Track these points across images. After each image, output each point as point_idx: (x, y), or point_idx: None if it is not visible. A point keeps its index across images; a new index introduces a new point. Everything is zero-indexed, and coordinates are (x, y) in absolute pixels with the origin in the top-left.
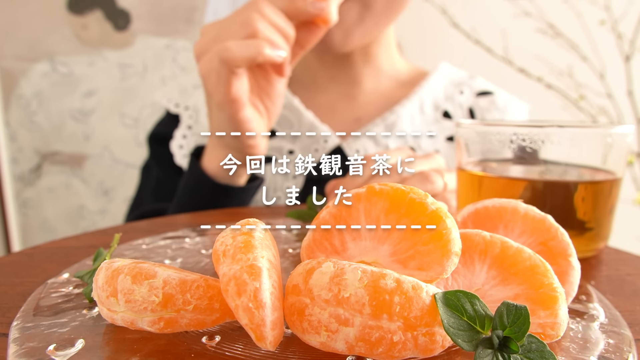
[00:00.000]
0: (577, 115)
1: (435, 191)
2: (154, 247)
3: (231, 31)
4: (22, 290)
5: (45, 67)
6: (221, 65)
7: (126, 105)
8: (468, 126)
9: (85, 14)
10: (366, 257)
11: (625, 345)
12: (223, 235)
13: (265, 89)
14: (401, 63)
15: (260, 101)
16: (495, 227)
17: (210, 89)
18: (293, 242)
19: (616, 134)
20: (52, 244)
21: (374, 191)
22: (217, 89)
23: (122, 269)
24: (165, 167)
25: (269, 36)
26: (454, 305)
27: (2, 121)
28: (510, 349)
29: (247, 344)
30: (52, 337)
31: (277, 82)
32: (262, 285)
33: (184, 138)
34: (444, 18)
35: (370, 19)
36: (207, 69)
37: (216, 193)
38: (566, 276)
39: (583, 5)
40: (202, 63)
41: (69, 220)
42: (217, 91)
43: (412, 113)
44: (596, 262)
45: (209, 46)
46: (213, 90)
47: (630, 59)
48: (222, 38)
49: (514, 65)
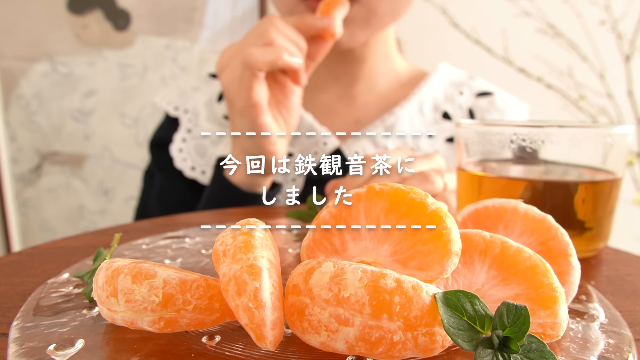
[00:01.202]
0: (577, 115)
1: (435, 191)
2: (154, 247)
3: (250, 42)
4: (22, 290)
5: (45, 67)
6: (244, 70)
7: (126, 105)
8: (468, 126)
9: (85, 14)
10: (366, 257)
11: (625, 345)
12: (223, 235)
13: (283, 102)
14: (401, 63)
15: (279, 113)
16: (495, 227)
17: (233, 95)
18: (293, 242)
19: (616, 134)
20: (52, 244)
21: (374, 191)
22: (240, 94)
23: (122, 268)
24: (168, 173)
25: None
26: (454, 305)
27: (2, 121)
28: (510, 348)
29: (247, 344)
30: (52, 336)
31: (293, 95)
32: (262, 285)
33: (184, 141)
34: (444, 18)
35: (375, 22)
36: (230, 78)
37: (244, 201)
38: (566, 276)
39: (583, 5)
40: (224, 74)
41: (69, 220)
42: (239, 96)
43: (412, 114)
44: (596, 262)
45: (230, 60)
46: (235, 96)
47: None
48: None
49: (514, 65)
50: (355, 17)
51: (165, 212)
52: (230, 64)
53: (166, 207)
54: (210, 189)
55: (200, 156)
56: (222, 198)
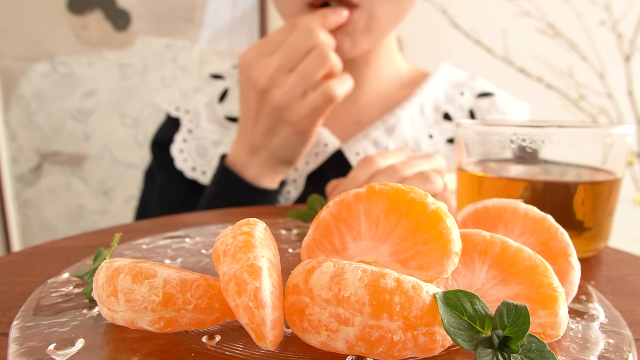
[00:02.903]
0: (577, 115)
1: (435, 191)
2: (154, 247)
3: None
4: (22, 290)
5: (45, 67)
6: (325, 103)
7: (126, 105)
8: (468, 126)
9: (85, 14)
10: (366, 257)
11: (625, 345)
12: (223, 235)
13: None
14: (402, 63)
15: None
16: (495, 227)
17: (296, 118)
18: (293, 242)
19: (616, 134)
20: (52, 244)
21: (374, 191)
22: (310, 120)
23: (122, 268)
24: (169, 174)
25: (335, 62)
26: (454, 304)
27: (2, 121)
28: (510, 348)
29: (247, 344)
30: (52, 336)
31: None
32: (262, 284)
33: (184, 142)
34: (444, 18)
35: (377, 27)
36: (289, 98)
37: (254, 196)
38: (566, 276)
39: (583, 5)
40: (278, 95)
41: (69, 220)
42: (308, 122)
43: (413, 115)
44: (596, 262)
45: (278, 76)
46: (300, 120)
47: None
48: (290, 62)
49: (514, 65)
50: (356, 24)
51: (165, 212)
52: (285, 83)
53: (166, 207)
54: (217, 185)
55: (201, 157)
56: (231, 194)
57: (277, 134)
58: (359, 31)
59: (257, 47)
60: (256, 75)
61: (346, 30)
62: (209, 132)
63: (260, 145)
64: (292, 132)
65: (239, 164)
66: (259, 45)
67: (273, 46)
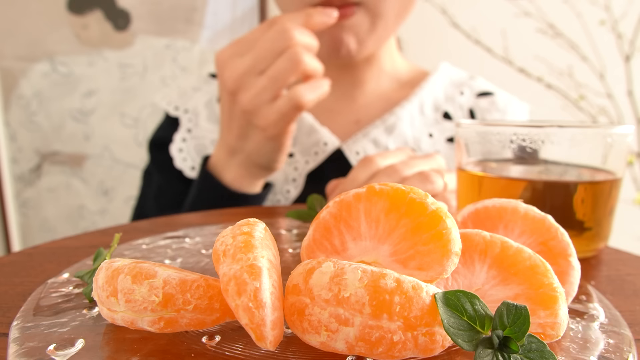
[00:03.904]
0: (577, 115)
1: (435, 191)
2: (154, 247)
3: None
4: (22, 290)
5: (45, 67)
6: (293, 110)
7: (126, 105)
8: (468, 126)
9: (85, 14)
10: (366, 257)
11: (625, 345)
12: (223, 235)
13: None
14: (402, 63)
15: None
16: (495, 227)
17: (265, 124)
18: (293, 242)
19: (616, 134)
20: (52, 244)
21: (374, 191)
22: (278, 125)
23: (122, 268)
24: (166, 173)
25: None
26: (454, 305)
27: (2, 121)
28: (510, 348)
29: (247, 344)
30: (52, 336)
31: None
32: (262, 285)
33: (184, 141)
34: (444, 18)
35: (381, 27)
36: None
37: (234, 201)
38: (566, 276)
39: (583, 5)
40: (244, 95)
41: (69, 220)
42: (276, 127)
43: (412, 114)
44: (596, 262)
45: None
46: (269, 126)
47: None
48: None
49: (514, 65)
50: (361, 23)
51: (162, 212)
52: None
53: (163, 207)
54: (199, 188)
55: (201, 156)
56: (211, 198)
57: (250, 138)
58: (364, 31)
59: (233, 46)
60: (227, 75)
61: (352, 31)
62: (208, 132)
63: (236, 147)
64: (263, 138)
65: (219, 165)
66: (235, 43)
67: (248, 45)
